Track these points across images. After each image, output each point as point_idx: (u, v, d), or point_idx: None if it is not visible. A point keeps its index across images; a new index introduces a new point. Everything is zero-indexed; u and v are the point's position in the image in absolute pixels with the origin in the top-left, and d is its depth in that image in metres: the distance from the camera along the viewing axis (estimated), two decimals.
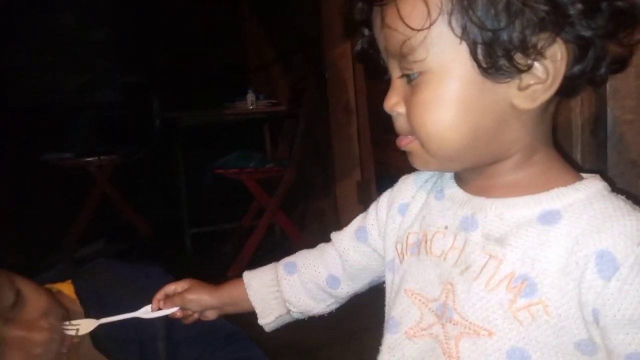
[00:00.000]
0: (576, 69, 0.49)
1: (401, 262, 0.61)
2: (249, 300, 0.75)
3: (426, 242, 0.58)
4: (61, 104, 3.74)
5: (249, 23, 4.00)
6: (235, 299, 0.76)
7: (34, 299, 0.72)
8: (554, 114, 0.55)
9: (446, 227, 0.57)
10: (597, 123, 0.88)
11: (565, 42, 0.47)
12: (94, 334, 0.77)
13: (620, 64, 0.52)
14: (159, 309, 0.76)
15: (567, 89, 0.50)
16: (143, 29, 3.86)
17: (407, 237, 0.61)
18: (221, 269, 2.67)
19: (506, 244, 0.51)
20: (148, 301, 0.77)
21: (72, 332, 0.74)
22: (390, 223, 0.66)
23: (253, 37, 3.95)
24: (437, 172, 0.63)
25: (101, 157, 3.36)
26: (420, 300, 0.57)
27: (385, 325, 0.62)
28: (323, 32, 2.64)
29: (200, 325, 0.79)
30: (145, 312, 0.75)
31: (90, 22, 3.90)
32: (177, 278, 0.85)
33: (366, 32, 0.56)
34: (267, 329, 0.77)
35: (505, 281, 0.50)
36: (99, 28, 3.92)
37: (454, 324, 0.53)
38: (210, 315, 0.77)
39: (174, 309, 0.75)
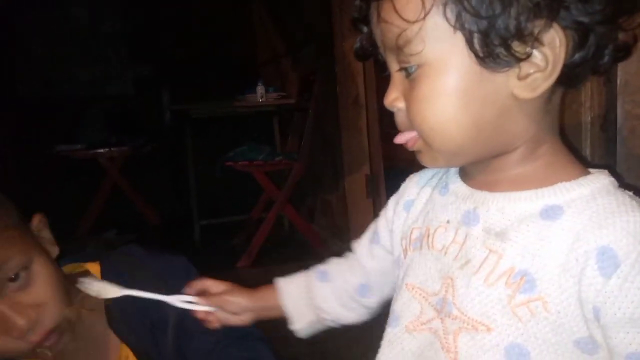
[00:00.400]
0: (577, 56, 0.47)
1: (405, 257, 0.62)
2: (278, 302, 0.75)
3: (428, 236, 0.58)
4: (73, 96, 3.77)
5: (259, 16, 4.00)
6: (269, 304, 0.76)
7: (39, 286, 0.71)
8: (560, 106, 0.54)
9: (448, 222, 0.56)
10: (607, 117, 0.87)
11: (564, 28, 0.46)
12: (108, 313, 0.78)
13: (624, 52, 0.50)
14: (189, 300, 0.74)
15: (569, 78, 0.49)
16: (154, 22, 3.87)
17: (411, 232, 0.61)
18: (230, 260, 2.69)
19: (506, 239, 0.50)
20: (167, 290, 0.77)
21: (93, 293, 0.72)
22: (397, 220, 0.66)
23: (263, 30, 3.95)
24: (442, 168, 0.63)
25: (112, 149, 3.39)
26: (420, 294, 0.57)
27: (388, 319, 0.62)
28: (333, 25, 2.63)
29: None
30: (178, 300, 0.74)
31: (102, 15, 3.92)
32: None
33: (365, 29, 0.56)
34: (299, 334, 0.76)
35: (505, 276, 0.50)
36: (110, 21, 3.94)
37: (452, 319, 0.52)
38: (247, 318, 0.76)
39: (209, 309, 0.74)
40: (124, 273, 0.81)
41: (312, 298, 0.74)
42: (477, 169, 0.56)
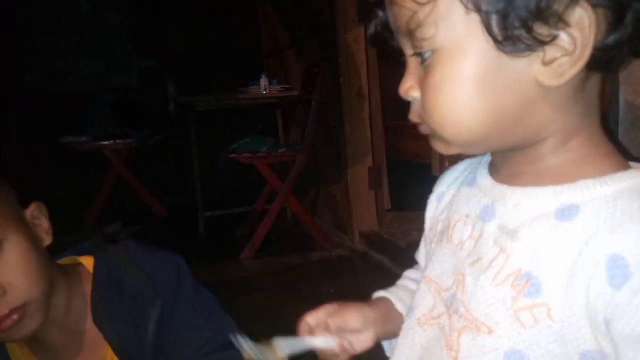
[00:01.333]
0: (611, 39, 0.42)
1: (430, 249, 0.60)
2: (395, 308, 0.65)
3: (449, 229, 0.56)
4: (78, 87, 3.78)
5: (263, 8, 3.99)
6: (388, 312, 0.64)
7: (6, 265, 0.70)
8: (600, 93, 0.48)
9: (468, 216, 0.54)
10: (609, 108, 0.87)
11: (594, 7, 0.41)
12: (93, 309, 0.78)
13: None
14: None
15: (604, 63, 0.44)
16: (159, 14, 3.87)
17: (437, 225, 0.59)
18: (234, 251, 2.70)
19: (517, 238, 0.47)
20: (151, 287, 0.78)
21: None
22: (429, 212, 0.63)
23: (267, 22, 3.94)
24: (476, 159, 0.59)
25: (117, 141, 3.40)
26: (435, 288, 0.55)
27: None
28: (337, 17, 2.63)
29: (204, 329, 0.80)
30: (318, 342, 0.61)
31: (107, 6, 3.92)
32: (190, 259, 0.86)
33: (380, 14, 0.52)
34: None
35: (512, 278, 0.46)
36: (115, 12, 3.94)
37: (459, 317, 0.50)
38: (370, 335, 0.62)
39: (332, 341, 0.61)
40: (115, 268, 0.81)
41: None
42: (505, 162, 0.52)
